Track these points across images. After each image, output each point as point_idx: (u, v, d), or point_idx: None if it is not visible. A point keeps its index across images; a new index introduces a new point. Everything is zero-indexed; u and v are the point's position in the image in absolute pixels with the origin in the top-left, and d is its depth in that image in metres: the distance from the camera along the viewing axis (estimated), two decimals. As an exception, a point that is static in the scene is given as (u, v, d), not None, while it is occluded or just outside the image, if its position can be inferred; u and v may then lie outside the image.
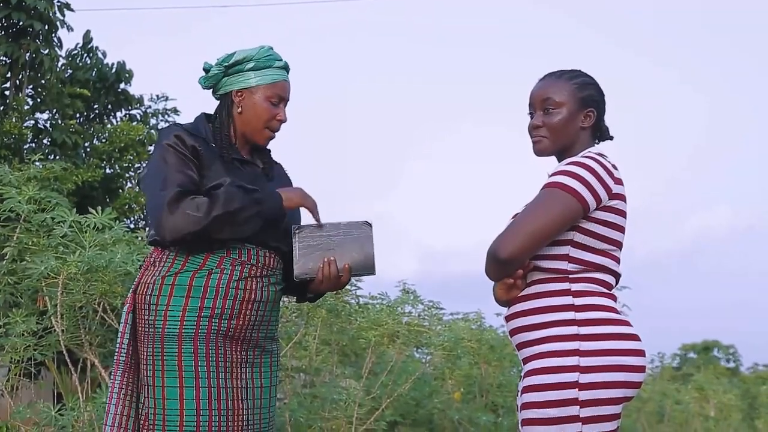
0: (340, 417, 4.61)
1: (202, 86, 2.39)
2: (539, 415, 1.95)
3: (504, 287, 2.08)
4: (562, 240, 2.02)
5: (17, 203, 3.65)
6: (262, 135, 2.33)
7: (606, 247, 2.05)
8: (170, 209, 2.10)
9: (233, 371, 2.17)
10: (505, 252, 1.97)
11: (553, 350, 1.97)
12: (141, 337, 2.17)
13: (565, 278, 2.03)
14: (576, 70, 2.20)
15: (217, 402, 2.12)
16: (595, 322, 1.98)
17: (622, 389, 1.96)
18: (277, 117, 2.32)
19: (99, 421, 3.42)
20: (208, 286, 2.15)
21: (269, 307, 2.26)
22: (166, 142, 2.20)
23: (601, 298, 2.03)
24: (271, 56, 2.33)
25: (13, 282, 3.81)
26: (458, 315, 6.74)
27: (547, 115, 2.14)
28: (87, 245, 3.49)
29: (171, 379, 2.11)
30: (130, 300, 2.21)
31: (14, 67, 8.77)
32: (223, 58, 2.33)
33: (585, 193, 1.98)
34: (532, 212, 2.00)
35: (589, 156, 2.06)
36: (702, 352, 33.92)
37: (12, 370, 3.79)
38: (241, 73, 2.31)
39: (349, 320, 4.94)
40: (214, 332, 2.15)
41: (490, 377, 6.88)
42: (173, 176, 2.15)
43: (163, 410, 2.10)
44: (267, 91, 2.30)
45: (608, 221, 2.04)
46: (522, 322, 2.06)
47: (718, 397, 12.31)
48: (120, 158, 9.74)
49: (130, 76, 10.45)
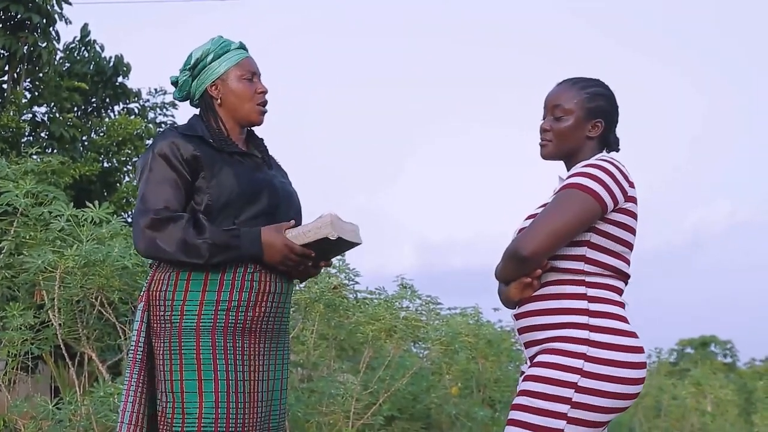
0: (338, 411, 4.62)
1: (178, 99, 2.41)
2: (529, 403, 2.00)
3: (519, 286, 2.10)
4: (579, 241, 2.05)
5: (14, 197, 3.65)
6: (254, 112, 2.32)
7: (620, 249, 2.09)
8: (143, 234, 2.12)
9: (250, 363, 2.18)
10: (527, 250, 2.01)
11: (562, 349, 2.00)
12: (157, 333, 2.17)
13: (582, 282, 2.05)
14: (592, 79, 2.23)
15: (235, 395, 2.13)
16: (607, 330, 2.01)
17: (615, 400, 2.00)
18: (258, 90, 2.32)
19: (96, 414, 3.42)
20: (224, 279, 2.15)
21: (283, 299, 2.28)
22: (158, 150, 2.19)
23: (615, 307, 2.06)
24: (225, 42, 2.34)
25: (10, 276, 3.81)
26: (456, 310, 6.75)
27: (555, 121, 2.18)
28: (84, 239, 3.49)
29: (189, 372, 2.11)
30: (144, 297, 2.20)
31: (12, 60, 8.75)
32: (184, 64, 2.35)
33: (603, 194, 2.02)
34: (552, 212, 2.04)
35: (605, 159, 2.11)
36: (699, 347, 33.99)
37: (9, 364, 3.79)
38: (206, 67, 2.31)
39: (347, 315, 4.95)
40: (231, 325, 2.15)
41: (487, 372, 6.89)
42: (154, 193, 2.15)
43: (182, 404, 2.10)
44: (237, 71, 2.31)
45: (623, 223, 2.08)
46: (534, 321, 2.09)
47: (715, 392, 12.33)
48: (118, 152, 9.72)
49: (128, 70, 10.43)
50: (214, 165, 2.19)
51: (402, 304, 5.42)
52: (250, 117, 2.33)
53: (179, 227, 2.11)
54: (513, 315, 2.17)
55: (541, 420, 1.98)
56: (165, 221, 2.12)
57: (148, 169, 2.18)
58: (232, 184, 2.19)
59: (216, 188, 2.17)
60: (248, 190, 2.21)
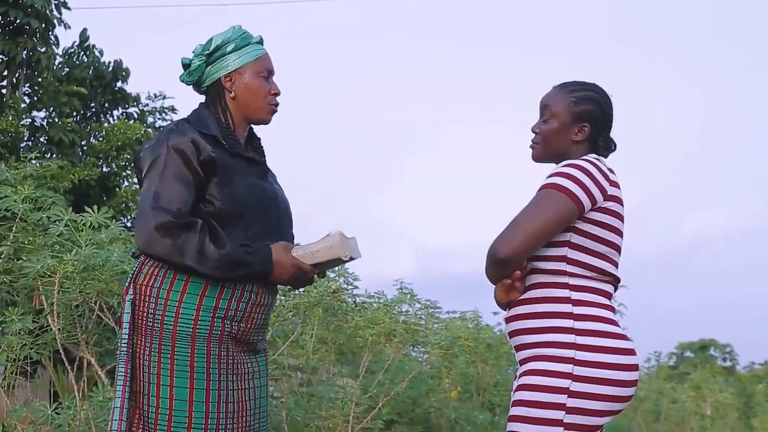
0: (337, 416, 4.62)
1: (186, 82, 2.33)
2: (525, 413, 2.01)
3: (503, 289, 2.11)
4: (559, 241, 2.05)
5: (13, 202, 3.65)
6: (264, 111, 2.29)
7: (604, 249, 2.08)
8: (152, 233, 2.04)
9: (237, 373, 2.16)
10: (503, 252, 2.01)
11: (549, 355, 2.01)
12: (141, 329, 2.09)
13: (566, 284, 2.05)
14: (586, 84, 2.24)
15: (225, 405, 2.10)
16: (593, 333, 2.01)
17: (609, 403, 2.00)
18: (272, 91, 2.30)
19: (96, 419, 3.41)
20: (224, 286, 2.12)
21: (269, 311, 2.27)
22: (174, 145, 2.11)
23: (601, 310, 2.06)
24: (246, 34, 2.31)
25: (9, 281, 3.80)
26: (455, 314, 6.74)
27: (543, 123, 2.20)
28: (83, 244, 3.49)
29: (181, 379, 2.07)
30: (131, 289, 2.12)
31: (11, 65, 8.77)
32: (202, 48, 2.28)
33: (579, 193, 2.02)
34: (528, 212, 2.04)
35: (585, 159, 2.11)
36: (698, 350, 33.96)
37: (8, 369, 3.78)
38: (224, 57, 2.26)
39: (346, 319, 4.94)
40: (226, 334, 2.13)
41: (486, 376, 6.89)
42: (169, 191, 2.07)
43: (169, 410, 2.06)
44: (255, 67, 2.27)
45: (603, 222, 2.07)
46: (521, 324, 2.09)
47: (714, 395, 12.33)
48: (117, 157, 9.73)
49: (126, 75, 10.45)
50: (227, 171, 2.15)
51: (401, 309, 5.41)
52: (260, 115, 2.30)
53: (196, 236, 2.04)
54: (504, 318, 2.17)
55: (539, 429, 1.98)
56: (181, 227, 2.04)
57: (162, 163, 2.10)
58: (245, 195, 2.16)
59: (229, 198, 2.14)
60: (258, 203, 2.19)
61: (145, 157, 2.18)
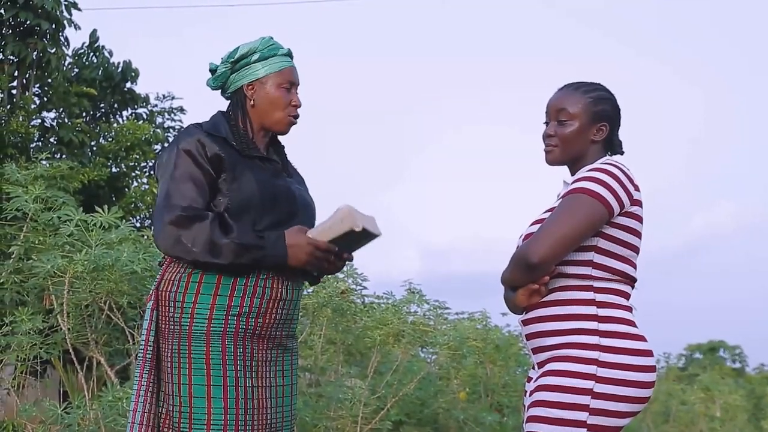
0: (346, 416, 4.62)
1: (211, 87, 2.39)
2: (548, 414, 1.99)
3: (527, 293, 2.09)
4: (586, 246, 2.05)
5: (24, 202, 3.67)
6: (283, 122, 2.33)
7: (627, 253, 2.09)
8: (166, 230, 2.09)
9: (258, 370, 2.18)
10: (536, 257, 2.00)
11: (573, 356, 2.00)
12: (165, 334, 2.16)
13: (590, 287, 2.05)
14: (594, 83, 2.23)
15: (244, 401, 2.12)
16: (617, 335, 2.01)
17: (631, 404, 2.00)
18: (292, 102, 2.32)
19: (105, 419, 3.43)
20: (236, 284, 2.15)
21: (293, 306, 2.27)
22: (183, 146, 2.18)
23: (624, 312, 2.06)
24: (274, 45, 2.34)
25: (19, 280, 3.83)
26: (464, 314, 6.74)
27: (560, 126, 2.18)
28: (93, 244, 3.50)
29: (198, 377, 2.10)
30: (153, 297, 2.19)
31: (21, 66, 8.79)
32: (228, 55, 2.34)
33: (610, 199, 2.02)
34: (560, 217, 2.03)
35: (610, 163, 2.11)
36: (708, 352, 33.85)
37: (18, 368, 3.80)
38: (248, 66, 2.31)
39: (355, 319, 4.95)
40: (241, 331, 2.15)
41: (495, 377, 6.88)
42: (179, 190, 2.13)
43: (189, 408, 2.09)
44: (277, 79, 2.31)
45: (629, 227, 2.08)
46: (542, 327, 2.08)
47: (723, 397, 12.28)
48: (126, 157, 9.75)
49: (136, 75, 10.46)
50: (236, 168, 2.19)
51: (410, 309, 5.42)
52: (277, 125, 2.33)
53: (205, 226, 2.09)
54: (521, 321, 2.16)
55: (562, 430, 1.97)
56: (191, 219, 2.09)
57: (173, 165, 2.16)
58: (253, 190, 2.18)
59: (237, 192, 2.17)
60: (268, 196, 2.20)
61: (159, 163, 2.26)
